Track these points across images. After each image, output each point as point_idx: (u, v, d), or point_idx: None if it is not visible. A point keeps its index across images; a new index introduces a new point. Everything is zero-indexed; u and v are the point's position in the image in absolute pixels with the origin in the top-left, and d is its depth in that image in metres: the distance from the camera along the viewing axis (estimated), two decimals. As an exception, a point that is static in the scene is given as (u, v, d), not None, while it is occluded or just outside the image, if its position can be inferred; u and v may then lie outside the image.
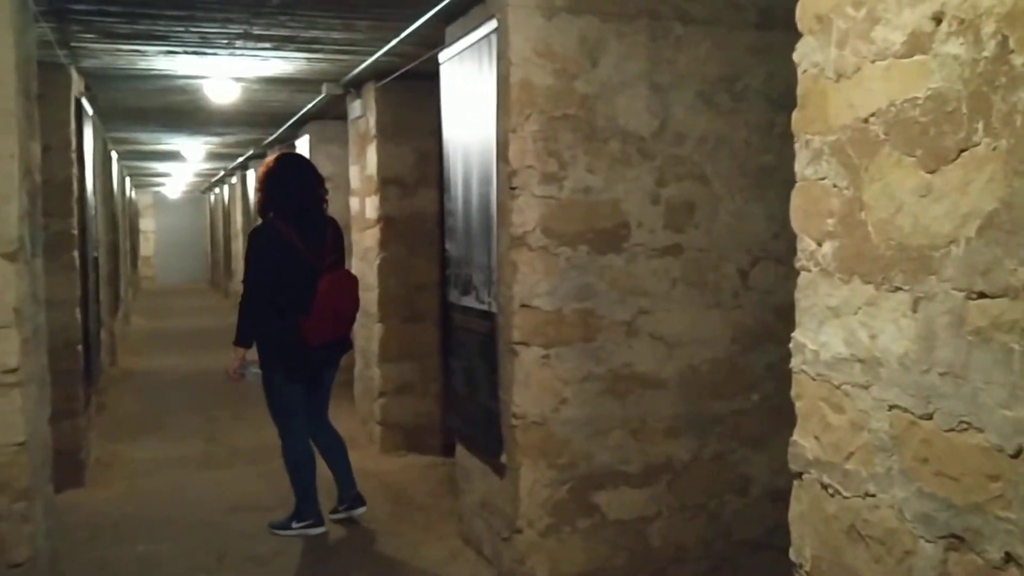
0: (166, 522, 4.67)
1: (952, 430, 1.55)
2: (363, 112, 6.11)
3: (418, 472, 5.54)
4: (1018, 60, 1.39)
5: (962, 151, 1.51)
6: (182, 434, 6.63)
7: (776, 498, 3.63)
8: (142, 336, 12.36)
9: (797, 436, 2.02)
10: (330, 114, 7.42)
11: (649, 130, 3.69)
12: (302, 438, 4.45)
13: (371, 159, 6.01)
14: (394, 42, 4.70)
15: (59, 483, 3.80)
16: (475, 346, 3.95)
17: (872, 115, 1.73)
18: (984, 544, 1.49)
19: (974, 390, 1.50)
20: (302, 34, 4.65)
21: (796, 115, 1.99)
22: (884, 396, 1.71)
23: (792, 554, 2.03)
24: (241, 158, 12.47)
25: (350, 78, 5.86)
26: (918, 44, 1.60)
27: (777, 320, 3.75)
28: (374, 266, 5.97)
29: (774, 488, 3.81)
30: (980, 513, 1.49)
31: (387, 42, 4.75)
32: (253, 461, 5.72)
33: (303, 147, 8.33)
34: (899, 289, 1.66)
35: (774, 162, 3.81)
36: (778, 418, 3.18)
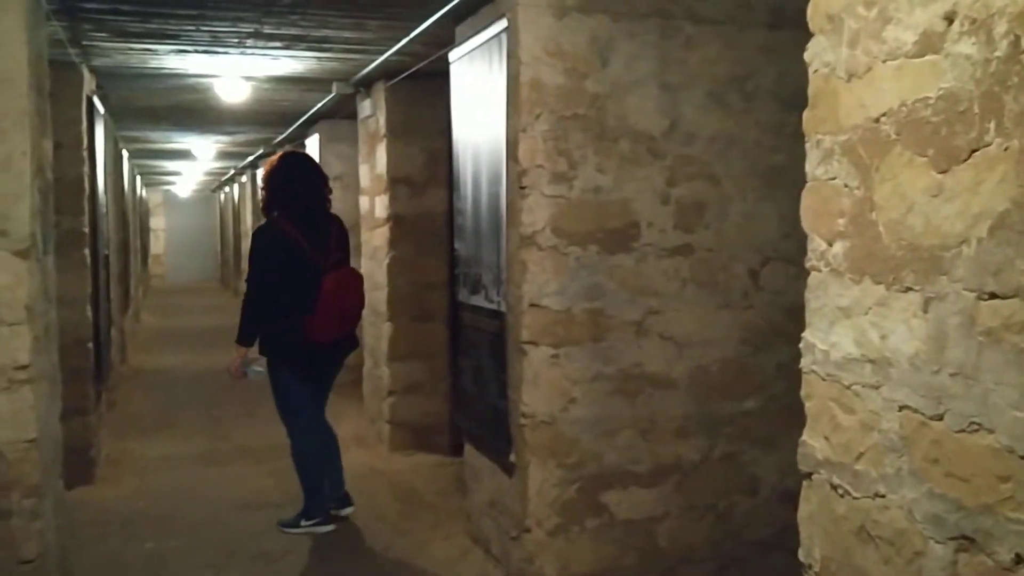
0: (175, 519, 4.69)
1: (963, 431, 1.54)
2: (373, 111, 6.12)
3: (427, 471, 5.55)
4: (1031, 60, 1.39)
5: (974, 151, 1.50)
6: (192, 432, 6.66)
7: (786, 499, 3.63)
8: (152, 334, 12.41)
9: (807, 436, 2.01)
10: (340, 113, 7.44)
11: (659, 130, 3.69)
12: (311, 436, 4.46)
13: (381, 158, 6.02)
14: (404, 41, 4.71)
15: (69, 480, 3.82)
16: (484, 345, 3.96)
17: (883, 115, 1.72)
18: (994, 545, 1.48)
19: (985, 391, 1.49)
20: (313, 33, 4.66)
21: (807, 115, 1.99)
22: (894, 397, 1.71)
23: (801, 555, 2.02)
24: (251, 157, 12.50)
25: (360, 77, 5.87)
26: (930, 44, 1.59)
27: (787, 320, 3.74)
28: (383, 265, 5.98)
29: (784, 489, 3.81)
30: (990, 514, 1.48)
31: (397, 41, 4.76)
32: (262, 459, 5.74)
33: (313, 146, 8.35)
34: (910, 289, 1.66)
35: (785, 162, 3.80)
36: (788, 419, 3.16)
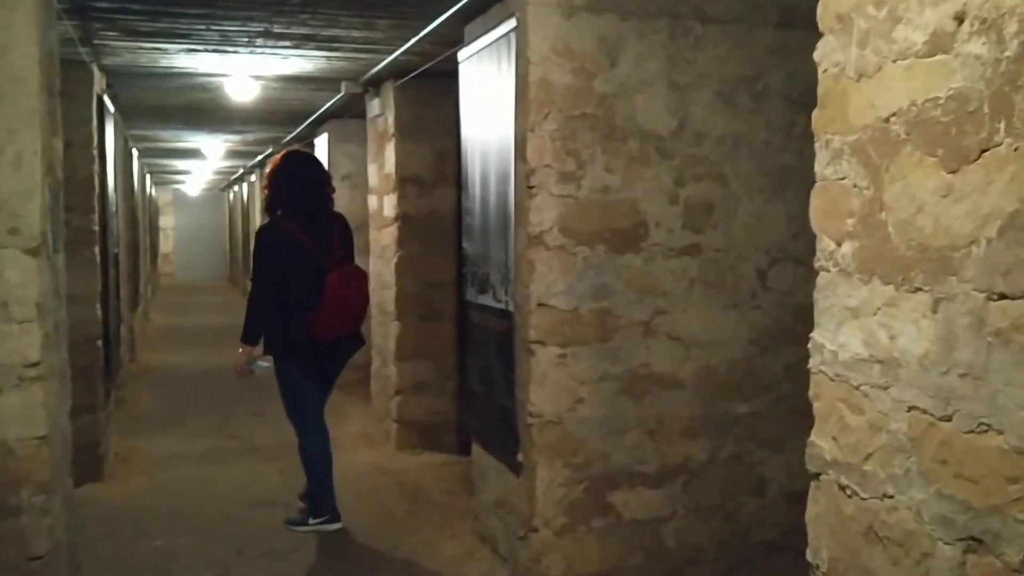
0: (184, 516, 4.71)
1: (971, 432, 1.54)
2: (382, 111, 6.13)
3: (434, 470, 5.55)
4: (1041, 60, 1.38)
5: (983, 151, 1.50)
6: (200, 429, 6.69)
7: (793, 500, 3.62)
8: (161, 332, 12.45)
9: (815, 437, 2.01)
10: (349, 112, 7.45)
11: (668, 129, 3.68)
12: (319, 434, 4.47)
13: (389, 157, 6.03)
14: (413, 41, 4.71)
15: (78, 477, 3.83)
16: (492, 345, 3.96)
17: (893, 115, 1.71)
18: (1003, 547, 1.47)
19: (994, 392, 1.49)
20: (322, 32, 4.67)
21: (816, 115, 1.98)
22: (903, 397, 1.70)
23: (809, 555, 2.02)
24: (260, 156, 12.53)
25: (369, 77, 5.88)
26: (940, 44, 1.58)
27: (795, 321, 3.74)
28: (391, 264, 5.99)
29: (791, 490, 3.80)
30: (999, 515, 1.48)
31: (406, 41, 4.77)
32: (270, 457, 5.76)
33: (322, 145, 8.37)
34: (919, 290, 1.65)
35: (794, 162, 3.80)
36: (795, 419, 3.17)
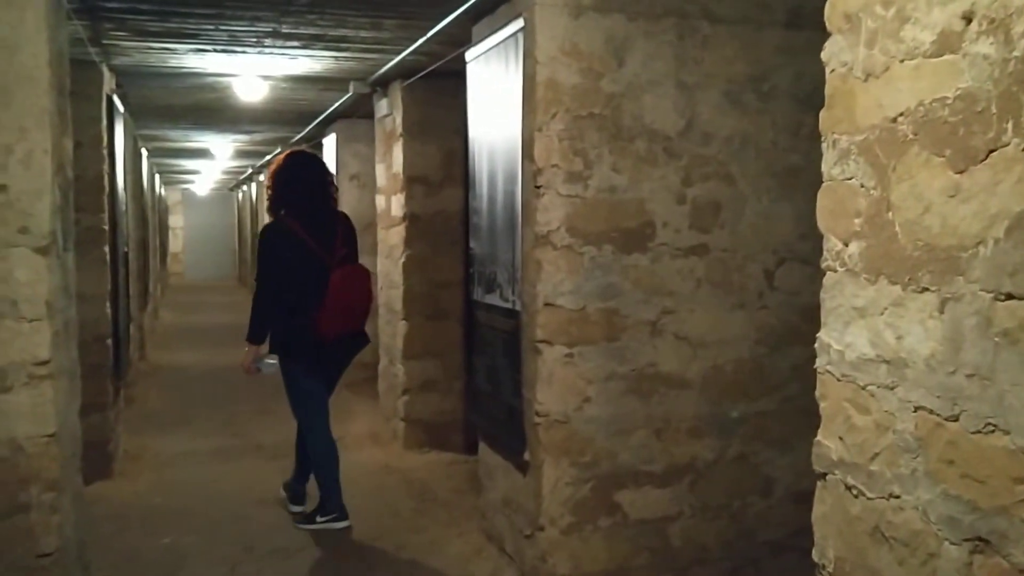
0: (193, 514, 4.73)
1: (978, 432, 1.53)
2: (390, 110, 6.14)
3: (441, 469, 5.56)
4: (1049, 60, 1.38)
5: (991, 151, 1.49)
6: (209, 428, 6.71)
7: (800, 500, 3.61)
8: (170, 331, 12.50)
9: (821, 437, 2.01)
10: (357, 112, 7.47)
11: (675, 129, 3.68)
12: (325, 432, 4.49)
13: (397, 157, 6.04)
14: (421, 41, 4.72)
15: (88, 475, 3.85)
16: (499, 344, 3.96)
17: (901, 115, 1.71)
18: (1010, 547, 1.47)
19: (1001, 392, 1.48)
20: (330, 32, 4.68)
21: (824, 115, 1.98)
22: (910, 397, 1.70)
23: (815, 555, 2.02)
24: (269, 156, 12.57)
25: (377, 77, 5.89)
26: (948, 43, 1.58)
27: (803, 321, 3.73)
28: (399, 264, 6.00)
29: (798, 490, 3.79)
30: (1006, 516, 1.48)
31: (414, 41, 4.77)
32: (278, 455, 5.77)
33: (330, 145, 8.39)
34: (926, 290, 1.65)
35: (801, 162, 3.79)
36: (802, 420, 3.16)
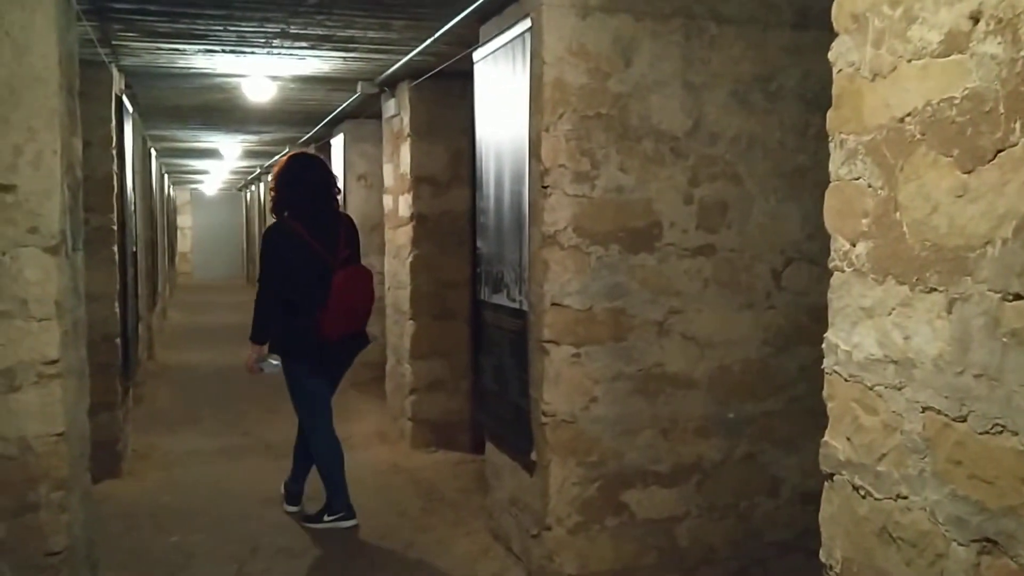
0: (200, 513, 4.74)
1: (986, 433, 1.53)
2: (397, 111, 6.15)
3: (448, 468, 5.57)
4: (1057, 59, 1.38)
5: (999, 151, 1.49)
6: (217, 427, 6.73)
7: (807, 500, 3.61)
8: (178, 331, 12.54)
9: (829, 437, 2.00)
10: (365, 113, 7.48)
11: (682, 129, 3.68)
12: (328, 431, 4.52)
13: (404, 157, 6.05)
14: (428, 41, 4.73)
15: (96, 473, 3.87)
16: (506, 344, 3.97)
17: (908, 115, 1.71)
18: (1018, 548, 1.47)
19: (1009, 392, 1.48)
20: (338, 33, 4.69)
21: (831, 115, 1.98)
22: (917, 398, 1.70)
23: (822, 555, 2.02)
24: (277, 156, 12.60)
25: (385, 77, 5.90)
26: (955, 43, 1.58)
27: (810, 321, 3.73)
28: (406, 263, 6.01)
29: (805, 490, 3.79)
30: (1014, 516, 1.48)
31: (422, 41, 4.78)
32: (286, 454, 5.75)
33: (338, 145, 8.41)
34: (934, 290, 1.65)
35: (808, 162, 3.79)
36: (810, 419, 3.15)
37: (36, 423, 2.93)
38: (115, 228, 5.33)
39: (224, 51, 5.16)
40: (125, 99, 5.91)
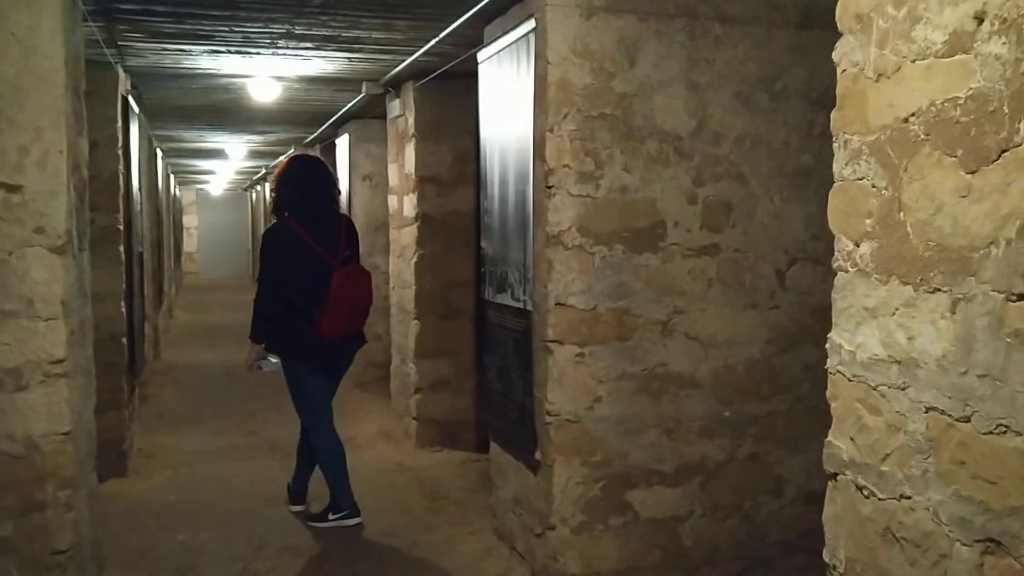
0: (206, 512, 4.76)
1: (990, 433, 1.53)
2: (402, 111, 6.16)
3: (453, 467, 5.58)
4: (1061, 60, 1.38)
5: (1003, 151, 1.49)
6: (222, 426, 6.75)
7: (811, 500, 3.61)
8: (185, 330, 12.56)
9: (832, 437, 2.01)
10: (370, 113, 7.49)
11: (687, 129, 3.68)
12: (329, 430, 4.55)
13: (409, 158, 6.05)
14: (433, 42, 4.73)
15: (103, 472, 3.89)
16: (510, 343, 3.97)
17: (912, 115, 1.71)
18: (1021, 548, 1.47)
19: (1013, 393, 1.48)
20: (343, 34, 4.70)
21: (835, 115, 1.98)
22: (921, 398, 1.70)
23: (826, 555, 2.02)
24: (282, 156, 12.62)
25: (390, 78, 5.91)
26: (959, 43, 1.58)
27: (815, 321, 3.72)
28: (411, 263, 6.01)
29: (809, 490, 3.79)
30: (1018, 517, 1.48)
31: (426, 42, 4.79)
32: (291, 454, 5.75)
33: (343, 145, 8.42)
34: (937, 290, 1.65)
35: (812, 162, 3.78)
36: (813, 419, 3.15)
37: (43, 422, 2.94)
38: (121, 228, 5.34)
39: (229, 52, 5.17)
40: (131, 99, 5.93)
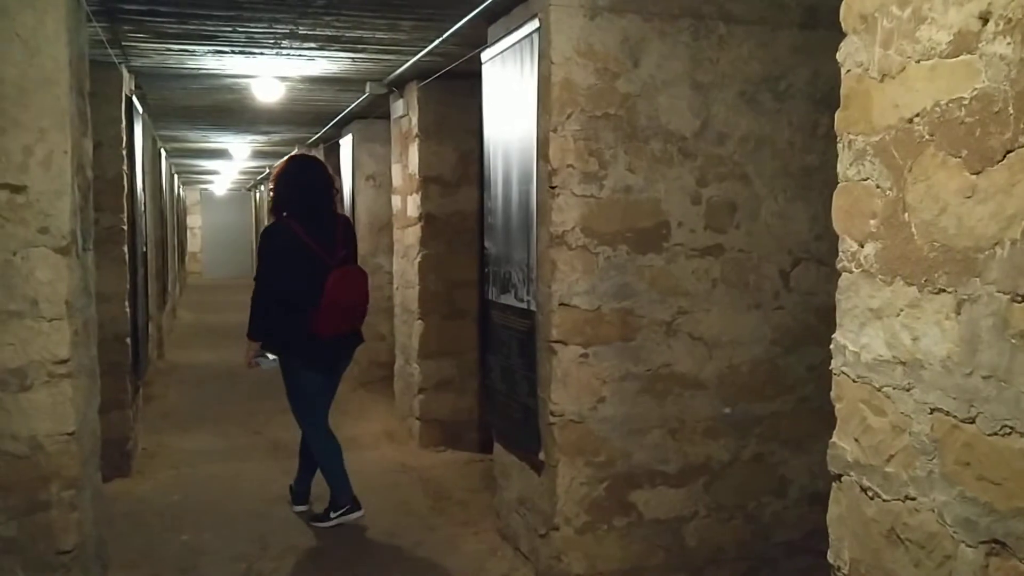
0: (210, 511, 4.76)
1: (995, 434, 1.53)
2: (406, 111, 6.16)
3: (457, 467, 5.58)
4: (1067, 60, 1.37)
5: (1008, 152, 1.49)
6: (226, 426, 6.75)
7: (815, 501, 3.61)
8: (188, 330, 12.57)
9: (837, 438, 2.00)
10: (373, 113, 7.49)
11: (691, 129, 3.68)
12: (324, 428, 4.59)
13: (413, 158, 6.06)
14: (437, 42, 4.73)
15: (107, 472, 3.89)
16: (514, 343, 3.97)
17: (917, 115, 1.71)
18: (1026, 550, 1.47)
19: (1017, 394, 1.48)
20: (347, 34, 4.70)
21: (839, 115, 1.97)
22: (926, 399, 1.69)
23: (830, 556, 2.02)
24: (286, 156, 12.63)
25: (393, 78, 5.91)
26: (964, 44, 1.58)
27: (819, 322, 3.72)
28: (415, 263, 6.02)
29: (813, 491, 3.78)
30: (1022, 518, 1.47)
31: (430, 42, 4.79)
32: (295, 454, 5.76)
33: (347, 145, 8.42)
34: (942, 291, 1.65)
35: (817, 163, 3.78)
36: (818, 420, 3.15)
37: (47, 422, 2.95)
38: (125, 228, 5.35)
39: (233, 52, 5.18)
40: (135, 100, 5.94)
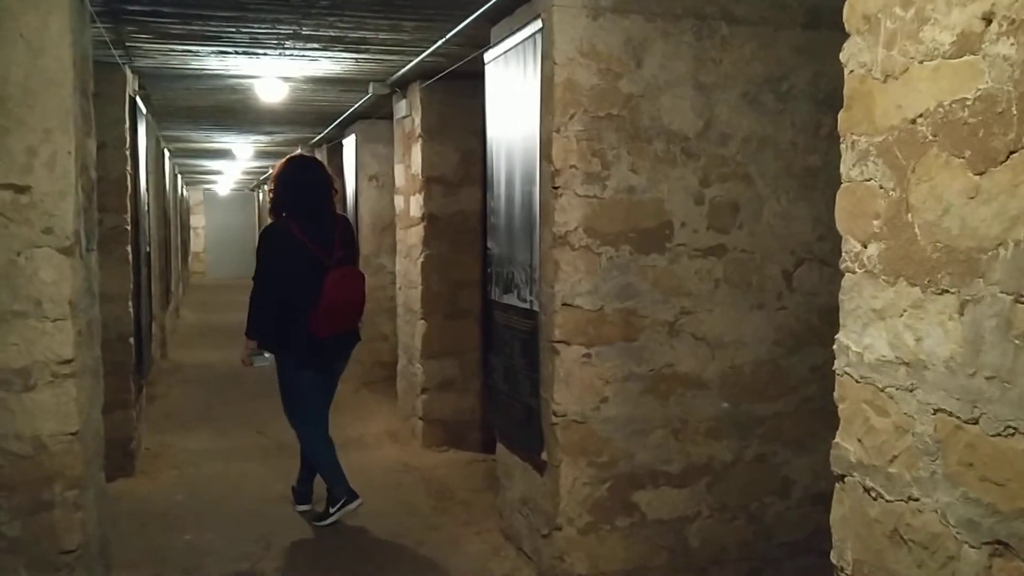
0: (213, 511, 4.77)
1: (998, 435, 1.53)
2: (408, 112, 6.16)
3: (459, 467, 5.58)
4: (1070, 61, 1.37)
5: (1011, 153, 1.49)
6: (229, 426, 6.76)
7: (818, 501, 3.60)
8: (192, 329, 12.58)
9: (840, 439, 2.00)
10: (376, 113, 7.50)
11: (693, 130, 3.68)
12: (316, 426, 4.62)
13: (416, 158, 6.06)
14: (440, 42, 4.74)
15: (110, 472, 3.90)
16: (516, 344, 3.97)
17: (920, 116, 1.71)
18: (1029, 551, 1.47)
19: (1021, 395, 1.48)
20: (350, 34, 4.71)
21: (842, 116, 1.97)
22: (929, 399, 1.69)
23: (833, 557, 2.01)
24: (285, 157, 12.63)
25: (396, 78, 5.91)
26: (967, 44, 1.58)
27: (822, 322, 3.72)
28: (417, 263, 6.02)
29: (816, 491, 3.78)
30: (1026, 519, 1.47)
31: (433, 42, 4.79)
32: (297, 453, 5.77)
33: (350, 146, 8.43)
34: (945, 292, 1.64)
35: (820, 163, 3.78)
36: (821, 420, 3.15)
37: (51, 422, 2.95)
38: (129, 228, 5.36)
39: (237, 52, 5.18)
40: (139, 100, 5.94)
